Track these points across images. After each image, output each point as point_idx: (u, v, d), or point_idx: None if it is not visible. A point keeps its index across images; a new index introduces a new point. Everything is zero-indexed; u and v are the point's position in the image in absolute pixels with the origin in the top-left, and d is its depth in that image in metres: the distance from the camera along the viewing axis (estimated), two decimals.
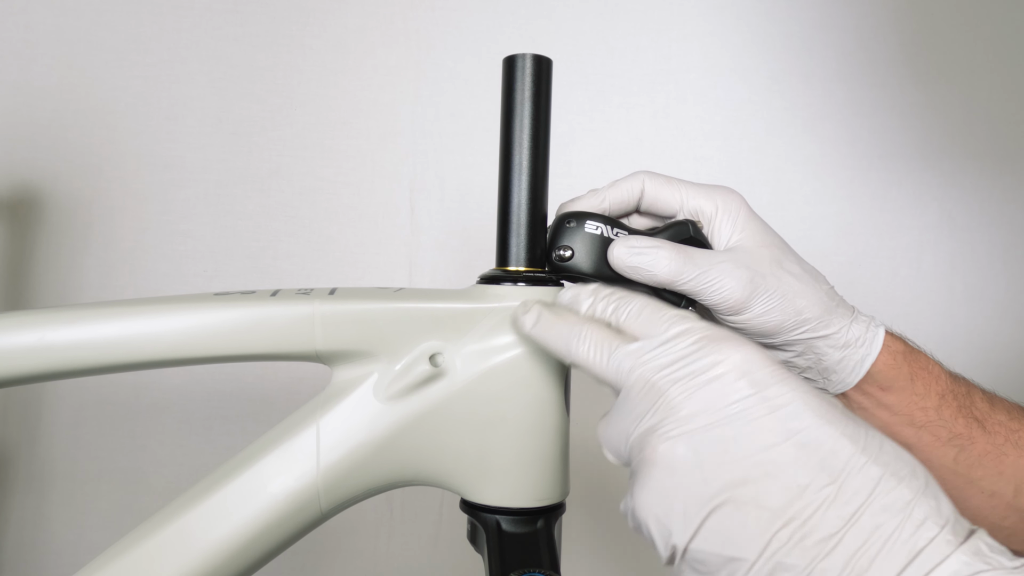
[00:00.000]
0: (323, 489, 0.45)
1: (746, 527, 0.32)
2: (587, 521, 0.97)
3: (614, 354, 0.38)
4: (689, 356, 0.36)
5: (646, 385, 0.36)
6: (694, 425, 0.34)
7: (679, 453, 0.34)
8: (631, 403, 0.37)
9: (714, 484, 0.33)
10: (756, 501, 0.32)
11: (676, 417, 0.34)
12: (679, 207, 0.49)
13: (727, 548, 0.32)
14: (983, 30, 1.01)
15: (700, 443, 0.34)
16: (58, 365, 0.45)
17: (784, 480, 0.32)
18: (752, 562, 0.31)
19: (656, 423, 0.35)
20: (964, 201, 1.01)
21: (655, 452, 0.34)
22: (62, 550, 0.95)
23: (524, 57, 0.47)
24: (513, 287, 0.46)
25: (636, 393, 0.36)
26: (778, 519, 0.31)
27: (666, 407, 0.35)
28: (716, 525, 0.32)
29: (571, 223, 0.47)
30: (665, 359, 0.36)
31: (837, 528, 0.31)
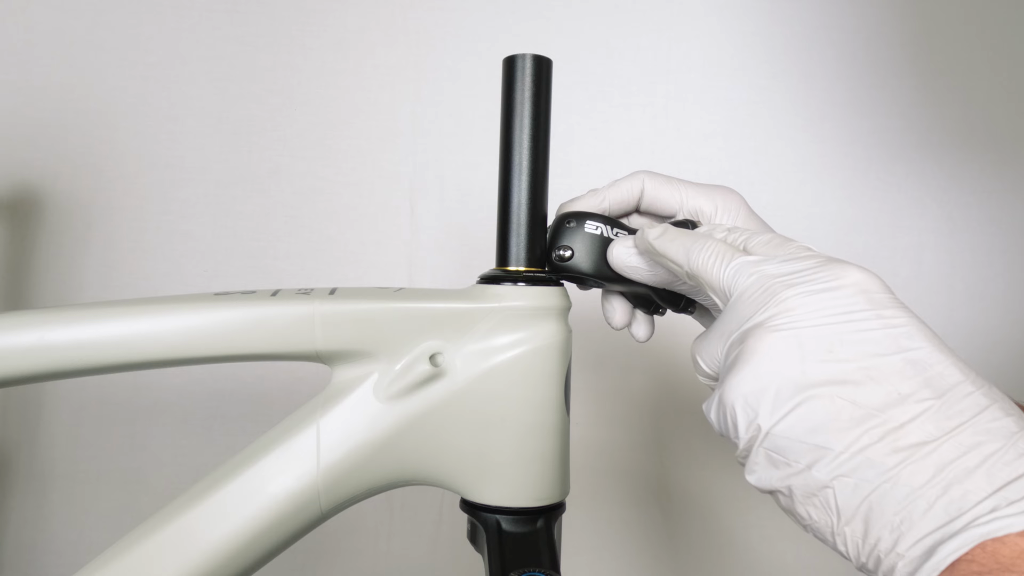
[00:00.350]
0: (323, 489, 0.45)
1: (838, 419, 0.31)
2: (587, 521, 0.97)
3: (733, 262, 0.38)
4: (809, 270, 0.36)
5: (760, 288, 0.36)
6: (805, 323, 0.34)
7: (784, 344, 0.34)
8: (740, 307, 0.36)
9: (813, 376, 0.32)
10: (854, 399, 0.32)
11: (788, 314, 0.34)
12: (679, 207, 0.49)
13: (814, 435, 0.32)
14: (983, 30, 1.01)
15: (807, 338, 0.33)
16: (58, 365, 0.45)
17: (887, 385, 0.32)
18: (838, 453, 0.31)
19: (766, 318, 0.35)
20: (964, 201, 1.01)
21: (759, 340, 0.34)
22: (62, 550, 0.95)
23: (524, 57, 0.47)
24: (513, 287, 0.46)
25: (749, 296, 0.36)
26: (873, 418, 0.31)
27: (778, 304, 0.35)
28: (807, 412, 0.32)
29: (571, 223, 0.47)
30: (785, 269, 0.36)
31: (935, 436, 0.30)
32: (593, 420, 0.98)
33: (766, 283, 0.36)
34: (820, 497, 0.32)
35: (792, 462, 0.32)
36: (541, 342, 0.46)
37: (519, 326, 0.46)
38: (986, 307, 1.02)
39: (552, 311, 0.47)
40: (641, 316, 0.52)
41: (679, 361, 0.98)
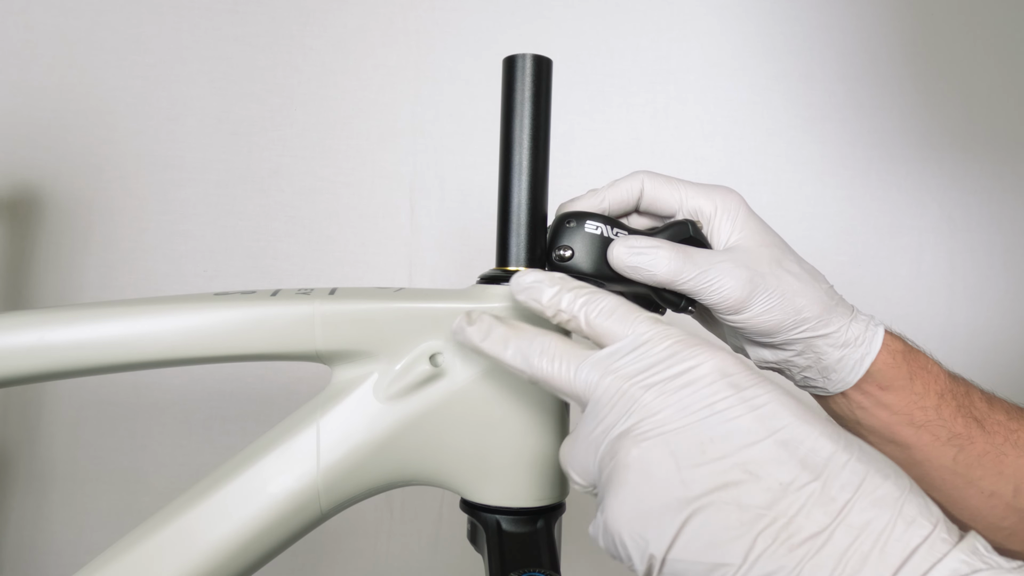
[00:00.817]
0: (323, 489, 0.45)
1: (728, 529, 0.31)
2: (587, 521, 0.97)
3: (581, 366, 0.36)
4: (664, 362, 0.34)
5: (617, 393, 0.34)
6: (671, 426, 0.33)
7: (656, 454, 0.32)
8: (600, 414, 0.35)
9: (693, 487, 0.31)
10: (738, 502, 0.31)
11: (652, 419, 0.33)
12: (678, 207, 0.49)
13: (709, 554, 0.31)
14: (983, 30, 1.01)
15: (678, 444, 0.32)
16: (58, 365, 0.45)
17: (766, 479, 0.31)
18: (738, 566, 0.30)
19: (630, 427, 0.33)
20: (964, 201, 1.01)
21: (628, 455, 0.33)
22: (62, 550, 0.95)
23: (524, 57, 0.47)
24: None
25: (606, 403, 0.35)
26: (762, 519, 0.30)
27: (640, 411, 0.33)
28: (696, 530, 0.31)
29: (571, 223, 0.47)
30: (637, 365, 0.35)
31: (824, 525, 0.30)
32: None
33: (623, 386, 0.34)
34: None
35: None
36: None
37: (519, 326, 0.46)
38: (986, 307, 1.02)
39: None
40: None
41: None
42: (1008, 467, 0.50)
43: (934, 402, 0.50)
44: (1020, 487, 0.50)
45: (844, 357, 0.49)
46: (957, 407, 0.50)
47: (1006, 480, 0.50)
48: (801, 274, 0.48)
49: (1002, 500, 0.50)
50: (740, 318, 0.47)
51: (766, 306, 0.47)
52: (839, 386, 0.50)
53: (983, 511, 0.51)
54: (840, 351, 0.49)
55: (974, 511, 0.51)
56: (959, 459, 0.50)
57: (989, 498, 0.50)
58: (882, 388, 0.50)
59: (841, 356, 0.49)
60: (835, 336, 0.49)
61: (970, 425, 0.50)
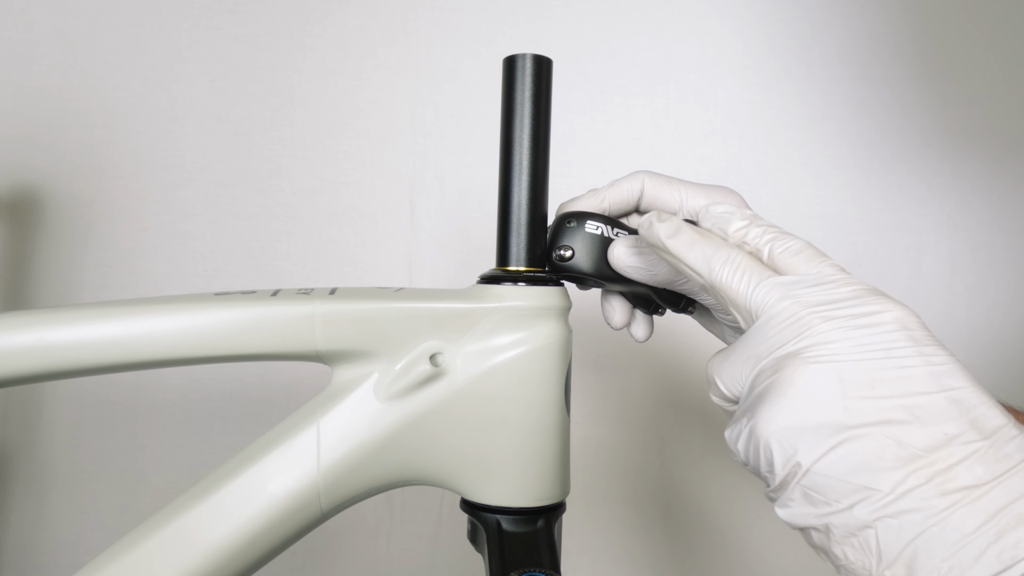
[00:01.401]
0: (323, 489, 0.45)
1: (883, 459, 0.30)
2: (587, 521, 0.97)
3: (763, 283, 0.36)
4: (847, 300, 0.34)
5: (793, 316, 0.34)
6: (845, 357, 0.32)
7: (824, 378, 0.32)
8: (770, 331, 0.34)
9: (856, 414, 0.31)
10: (898, 439, 0.31)
11: (826, 347, 0.33)
12: (679, 207, 0.49)
13: (858, 476, 0.31)
14: (984, 30, 1.01)
15: (849, 373, 0.32)
16: (58, 365, 0.45)
17: (932, 426, 0.31)
18: (884, 494, 0.30)
19: (801, 348, 0.33)
20: (964, 201, 1.01)
21: (795, 372, 0.32)
22: (62, 550, 0.95)
23: (524, 57, 0.47)
24: (513, 287, 0.46)
25: (779, 323, 0.34)
26: (920, 459, 0.30)
27: (816, 336, 0.33)
28: (850, 451, 0.31)
29: (571, 223, 0.47)
30: (820, 297, 0.35)
31: (984, 480, 0.29)
32: (593, 420, 0.98)
33: (801, 311, 0.34)
34: (860, 538, 0.31)
35: (832, 501, 0.31)
36: (541, 342, 0.46)
37: (519, 326, 0.46)
38: (986, 307, 1.02)
39: (552, 311, 0.47)
40: (640, 316, 0.52)
41: (679, 361, 0.98)
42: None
43: None
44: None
45: None
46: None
47: None
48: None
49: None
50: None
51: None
52: None
53: None
54: None
55: None
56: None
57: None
58: None
59: None
60: None
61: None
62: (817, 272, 0.36)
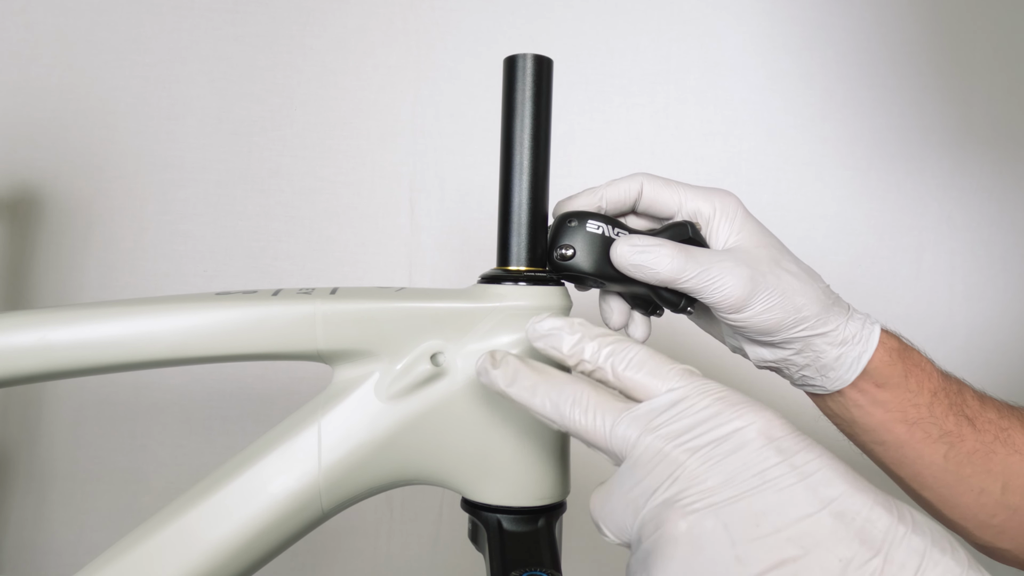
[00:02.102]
0: (324, 488, 0.45)
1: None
2: (588, 520, 0.97)
3: (618, 421, 0.34)
4: (707, 422, 0.33)
5: (658, 455, 0.33)
6: (720, 497, 0.31)
7: (708, 528, 0.30)
8: (639, 473, 0.33)
9: (750, 565, 0.29)
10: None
11: (699, 488, 0.31)
12: (677, 209, 0.49)
13: None
14: (983, 30, 1.01)
15: (729, 516, 0.30)
16: (59, 365, 0.45)
17: (825, 556, 0.29)
18: None
19: (675, 494, 0.32)
20: (964, 201, 1.01)
21: (677, 527, 0.31)
22: (62, 550, 0.95)
23: (525, 57, 0.47)
24: (514, 286, 0.46)
25: (646, 463, 0.33)
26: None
27: (686, 478, 0.32)
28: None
29: (572, 222, 0.47)
30: (678, 425, 0.33)
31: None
32: None
33: (665, 448, 0.33)
34: None
35: None
36: None
37: (520, 326, 0.46)
38: (986, 307, 1.02)
39: (553, 311, 0.47)
40: (638, 317, 0.52)
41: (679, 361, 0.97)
42: (996, 465, 0.50)
43: (927, 400, 0.50)
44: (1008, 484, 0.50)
45: (842, 355, 0.49)
46: (949, 405, 0.51)
47: (994, 477, 0.50)
48: (799, 273, 0.49)
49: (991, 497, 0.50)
50: (741, 317, 0.47)
51: (767, 304, 0.47)
52: (837, 384, 0.51)
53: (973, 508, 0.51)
54: (838, 349, 0.49)
55: (965, 509, 0.51)
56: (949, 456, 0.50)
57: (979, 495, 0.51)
58: (878, 386, 0.50)
59: (839, 354, 0.49)
60: (833, 334, 0.49)
61: (961, 423, 0.50)
62: (667, 389, 0.35)
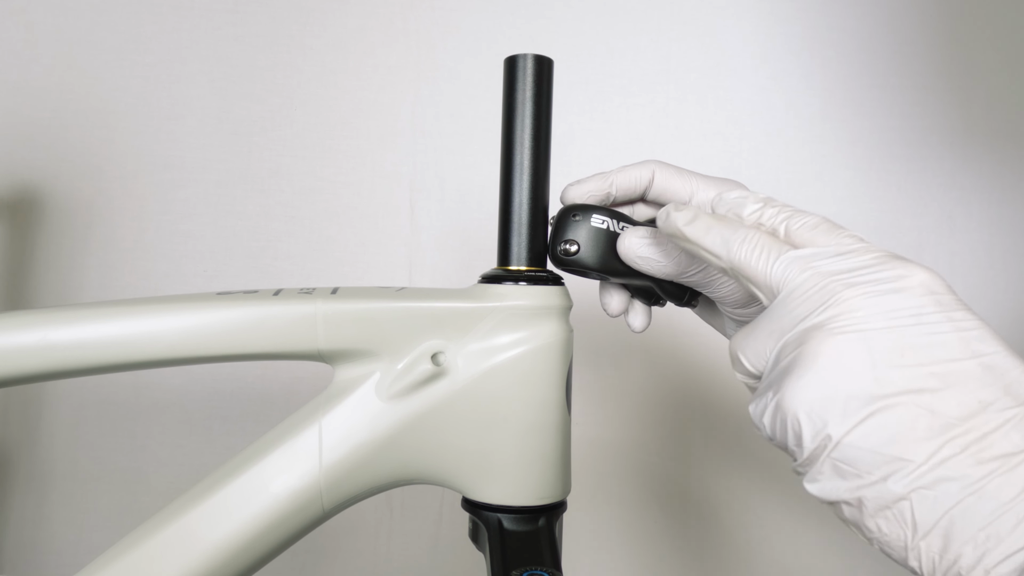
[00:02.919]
0: (325, 488, 0.45)
1: (916, 429, 0.30)
2: (588, 519, 0.98)
3: (782, 256, 0.35)
4: (871, 267, 0.33)
5: (815, 287, 0.33)
6: (872, 325, 0.31)
7: (852, 348, 0.31)
8: (793, 304, 0.34)
9: (887, 383, 0.30)
10: (931, 408, 0.30)
11: (852, 315, 0.32)
12: (688, 198, 0.49)
13: (891, 447, 0.30)
14: (984, 30, 1.01)
15: (876, 342, 0.31)
16: (59, 365, 0.45)
17: (965, 394, 0.30)
18: (918, 464, 0.29)
19: (826, 319, 0.32)
20: (965, 201, 1.01)
21: (822, 343, 0.32)
22: (62, 550, 0.95)
23: (525, 57, 0.47)
24: (514, 286, 0.46)
25: (803, 293, 0.34)
26: (954, 428, 0.29)
27: (840, 305, 0.32)
28: (882, 422, 0.30)
29: (576, 216, 0.46)
30: (841, 265, 0.34)
31: (1021, 448, 0.29)
32: (594, 419, 0.98)
33: (823, 281, 0.33)
34: (894, 510, 0.30)
35: (864, 473, 0.30)
36: (542, 341, 0.46)
37: (520, 325, 0.46)
38: (986, 307, 1.02)
39: (553, 310, 0.47)
40: (639, 305, 0.51)
41: (680, 360, 0.98)
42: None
43: None
44: None
45: None
46: None
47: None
48: None
49: None
50: (748, 312, 0.47)
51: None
52: None
53: None
54: None
55: None
56: None
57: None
58: None
59: None
60: None
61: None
62: (836, 243, 0.36)
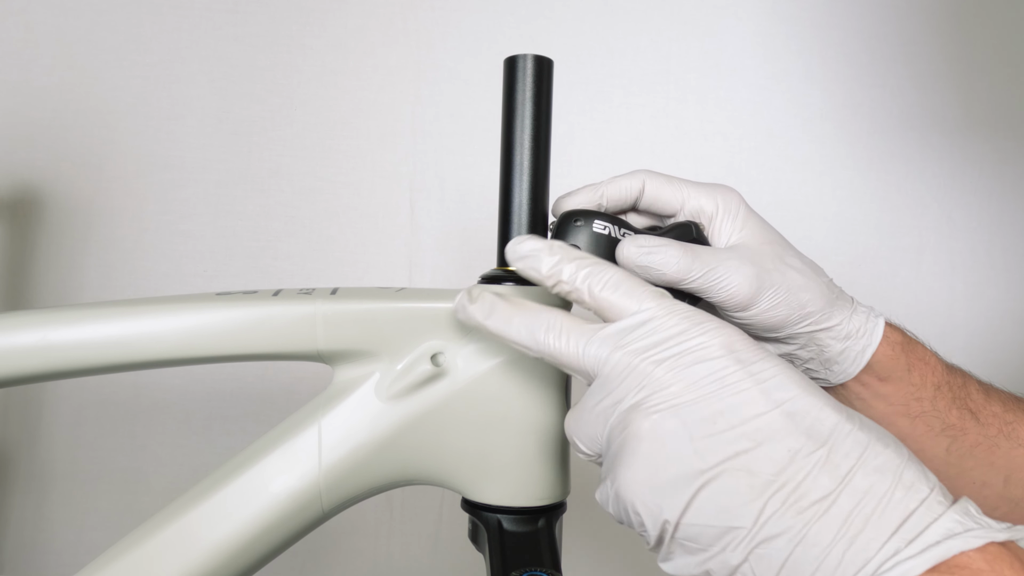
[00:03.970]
0: (325, 488, 0.45)
1: (740, 495, 0.32)
2: (588, 520, 0.98)
3: (591, 341, 0.37)
4: (674, 338, 0.35)
5: (627, 368, 0.35)
6: (682, 399, 0.33)
7: (669, 426, 0.33)
8: (609, 387, 0.36)
9: (707, 457, 0.32)
10: (748, 469, 0.32)
11: (663, 392, 0.34)
12: (680, 207, 0.49)
13: (722, 518, 0.32)
14: (984, 30, 1.01)
15: (689, 415, 0.33)
16: (59, 365, 0.45)
17: (775, 446, 0.32)
18: (748, 528, 0.31)
19: (641, 399, 0.34)
20: (964, 201, 1.01)
21: (641, 427, 0.34)
22: (62, 550, 0.95)
23: (525, 58, 0.47)
24: (515, 287, 0.46)
25: (616, 376, 0.35)
26: (772, 484, 0.31)
27: (652, 384, 0.34)
28: (710, 496, 0.32)
29: (578, 222, 0.46)
30: (647, 341, 0.35)
31: (830, 490, 0.31)
32: None
33: (635, 361, 0.35)
34: (740, 574, 0.32)
35: (707, 547, 0.32)
36: None
37: None
38: (986, 307, 1.02)
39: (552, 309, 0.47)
40: None
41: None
42: (1000, 458, 0.51)
43: (930, 393, 0.51)
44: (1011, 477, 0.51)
45: (846, 349, 0.50)
46: (952, 399, 0.51)
47: (997, 471, 0.51)
48: (804, 269, 0.49)
49: (993, 490, 0.51)
50: (747, 314, 0.47)
51: (772, 302, 0.47)
52: (840, 377, 0.51)
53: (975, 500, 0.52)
54: (842, 343, 0.50)
55: None
56: (952, 450, 0.51)
57: (981, 488, 0.51)
58: (881, 379, 0.51)
59: (843, 348, 0.50)
60: (838, 329, 0.49)
61: (964, 416, 0.51)
62: (638, 310, 0.37)
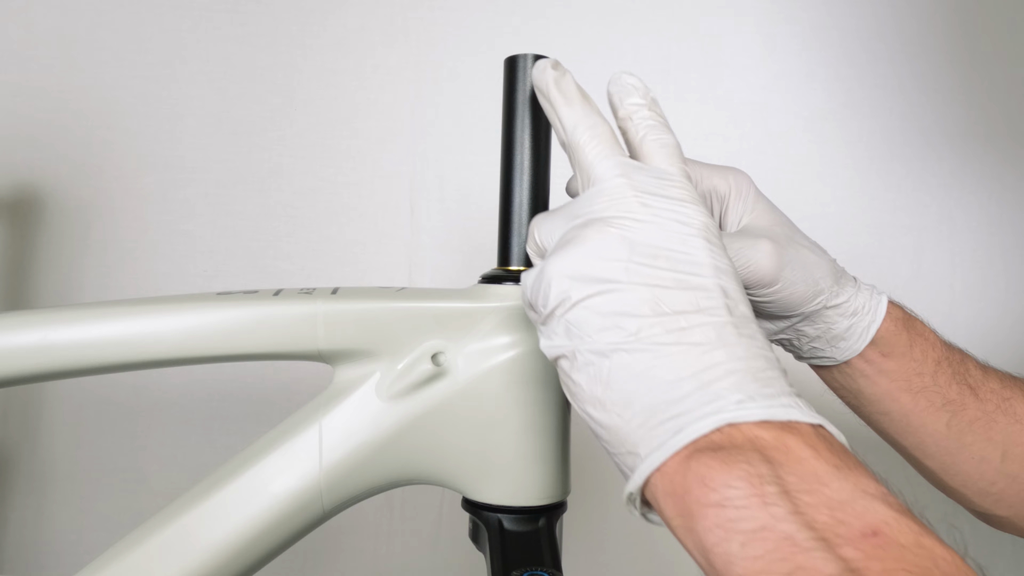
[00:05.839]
0: (325, 488, 0.45)
1: (640, 310, 0.33)
2: (588, 519, 0.98)
3: (612, 157, 0.38)
4: (672, 199, 0.37)
5: (619, 194, 0.37)
6: (644, 233, 0.35)
7: (618, 240, 0.35)
8: (595, 200, 0.37)
9: (633, 275, 0.34)
10: (660, 299, 0.34)
11: (633, 221, 0.35)
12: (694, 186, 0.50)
13: (613, 317, 0.34)
14: (984, 30, 1.01)
15: (641, 243, 0.35)
16: (60, 365, 0.45)
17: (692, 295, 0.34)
18: (628, 333, 0.33)
19: (611, 216, 0.36)
20: (964, 201, 1.01)
21: (596, 232, 0.35)
22: (62, 550, 0.95)
23: (526, 57, 0.47)
24: (515, 286, 0.46)
25: (607, 195, 0.37)
26: (668, 317, 0.33)
27: (629, 212, 0.36)
28: (616, 298, 0.34)
29: None
30: (651, 187, 0.37)
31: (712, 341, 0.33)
32: None
33: (628, 192, 0.37)
34: (596, 366, 0.33)
35: (585, 335, 0.34)
36: None
37: (521, 325, 0.46)
38: (986, 307, 1.02)
39: None
40: None
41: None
42: (997, 433, 0.51)
43: (931, 368, 0.52)
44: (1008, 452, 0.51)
45: (853, 325, 0.51)
46: (952, 374, 0.52)
47: (995, 446, 0.52)
48: (813, 247, 0.50)
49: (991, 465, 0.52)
50: (770, 292, 0.48)
51: (792, 279, 0.48)
52: (846, 354, 0.52)
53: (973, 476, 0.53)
54: (849, 320, 0.51)
55: (965, 476, 0.53)
56: (952, 425, 0.52)
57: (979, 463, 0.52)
58: (884, 355, 0.51)
59: (850, 325, 0.51)
60: (845, 306, 0.50)
61: (964, 392, 0.52)
62: (664, 169, 0.38)
